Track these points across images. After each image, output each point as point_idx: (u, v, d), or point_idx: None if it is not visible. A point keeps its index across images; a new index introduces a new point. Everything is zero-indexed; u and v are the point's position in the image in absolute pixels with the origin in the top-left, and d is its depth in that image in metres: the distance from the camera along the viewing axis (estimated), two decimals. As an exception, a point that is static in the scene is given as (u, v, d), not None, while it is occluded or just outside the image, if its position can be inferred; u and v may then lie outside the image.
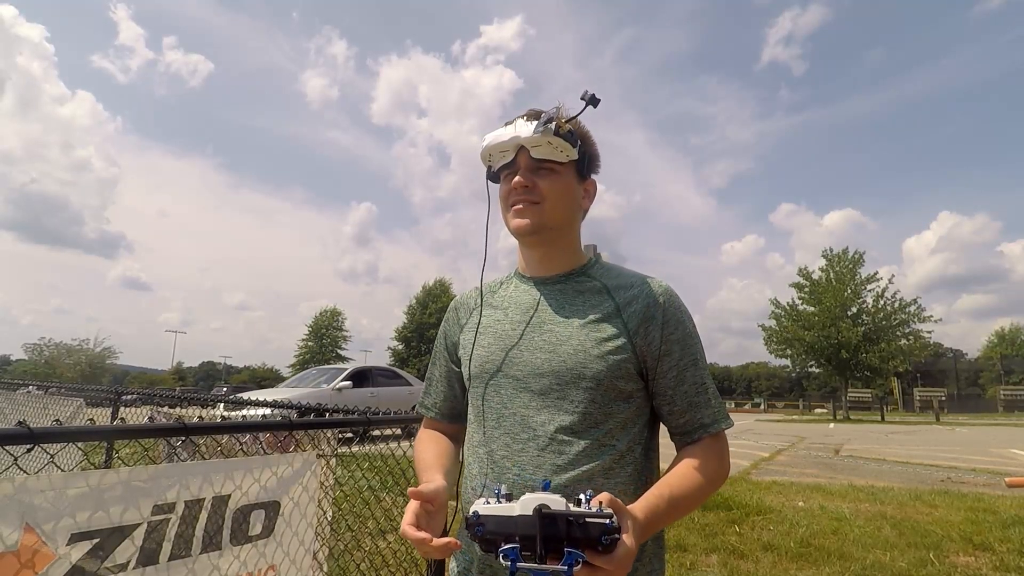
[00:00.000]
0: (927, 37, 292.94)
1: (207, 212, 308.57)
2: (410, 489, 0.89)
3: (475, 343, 1.09)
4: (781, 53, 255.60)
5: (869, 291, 32.29)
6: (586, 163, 1.09)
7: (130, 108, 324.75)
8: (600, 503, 0.79)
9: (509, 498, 0.80)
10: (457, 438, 1.18)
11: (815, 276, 33.67)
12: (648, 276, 1.08)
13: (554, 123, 1.01)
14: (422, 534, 0.84)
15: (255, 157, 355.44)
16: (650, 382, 1.02)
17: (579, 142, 1.05)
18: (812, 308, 32.68)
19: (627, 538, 0.79)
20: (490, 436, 1.02)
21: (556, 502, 0.76)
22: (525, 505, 0.76)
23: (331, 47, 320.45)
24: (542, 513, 0.75)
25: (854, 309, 32.17)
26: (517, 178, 1.04)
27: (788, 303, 33.86)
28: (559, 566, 0.74)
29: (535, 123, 1.02)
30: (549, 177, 1.04)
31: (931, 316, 31.25)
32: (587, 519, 0.75)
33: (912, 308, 31.07)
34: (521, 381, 1.01)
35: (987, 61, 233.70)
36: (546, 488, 0.81)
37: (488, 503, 0.81)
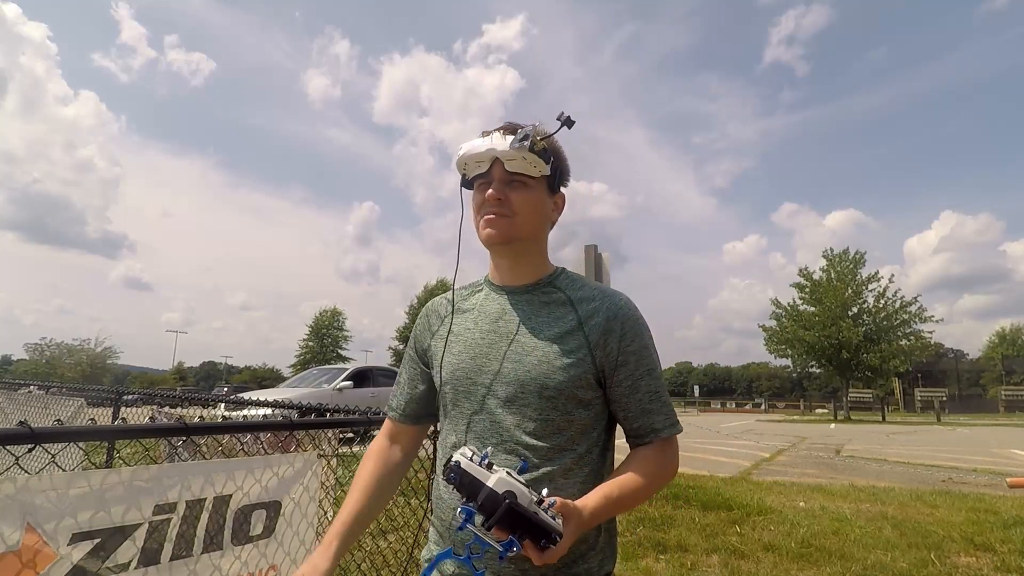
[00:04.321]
0: (931, 35, 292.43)
1: (209, 212, 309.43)
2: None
3: (445, 350, 1.15)
4: (784, 53, 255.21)
5: (870, 291, 32.35)
6: (557, 178, 1.14)
7: (132, 107, 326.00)
8: (557, 511, 0.88)
9: (490, 467, 0.87)
10: (416, 439, 1.28)
11: (816, 276, 33.70)
12: (610, 290, 1.14)
13: (530, 140, 1.05)
14: None
15: (257, 156, 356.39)
16: (607, 389, 1.09)
17: (552, 158, 1.10)
18: (813, 308, 32.68)
19: (564, 541, 0.87)
20: (461, 439, 1.09)
21: (523, 496, 0.84)
22: (498, 484, 0.84)
23: (333, 47, 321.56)
24: (509, 506, 0.82)
25: (855, 309, 32.18)
26: (490, 191, 1.08)
27: (789, 303, 33.90)
28: (497, 544, 0.83)
29: (511, 137, 1.06)
30: (521, 191, 1.09)
31: (932, 316, 31.35)
32: (541, 524, 0.84)
33: (913, 308, 31.11)
34: (489, 388, 1.07)
35: (991, 59, 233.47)
36: (523, 470, 0.91)
37: (472, 460, 0.87)
